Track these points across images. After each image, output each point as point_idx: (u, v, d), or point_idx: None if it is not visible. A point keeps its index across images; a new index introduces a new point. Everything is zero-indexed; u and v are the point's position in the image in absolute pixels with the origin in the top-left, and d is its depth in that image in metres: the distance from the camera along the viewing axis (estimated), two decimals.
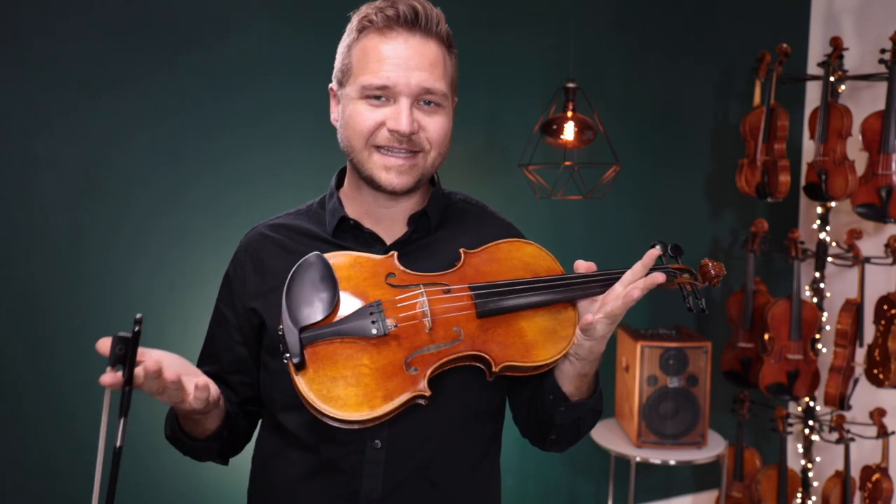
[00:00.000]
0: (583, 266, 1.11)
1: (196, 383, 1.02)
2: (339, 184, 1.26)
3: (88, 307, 2.37)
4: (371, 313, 1.05)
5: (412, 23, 1.09)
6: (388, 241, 1.19)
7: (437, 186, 1.26)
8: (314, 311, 1.04)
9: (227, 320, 1.25)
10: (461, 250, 1.13)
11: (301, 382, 1.02)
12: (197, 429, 1.15)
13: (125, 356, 0.94)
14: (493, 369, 1.06)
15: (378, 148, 1.11)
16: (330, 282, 1.06)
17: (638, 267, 1.08)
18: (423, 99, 1.10)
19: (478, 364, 1.08)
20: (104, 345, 0.92)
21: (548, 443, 1.27)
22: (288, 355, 1.01)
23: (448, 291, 1.09)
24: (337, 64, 1.17)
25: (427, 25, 1.09)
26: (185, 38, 2.41)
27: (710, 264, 1.20)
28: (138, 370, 0.94)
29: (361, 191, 1.19)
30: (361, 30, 1.12)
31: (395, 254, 1.12)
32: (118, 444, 0.92)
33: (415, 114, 1.10)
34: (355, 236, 1.20)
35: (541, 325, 1.10)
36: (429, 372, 1.04)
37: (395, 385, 1.03)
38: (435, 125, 1.12)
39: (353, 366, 1.03)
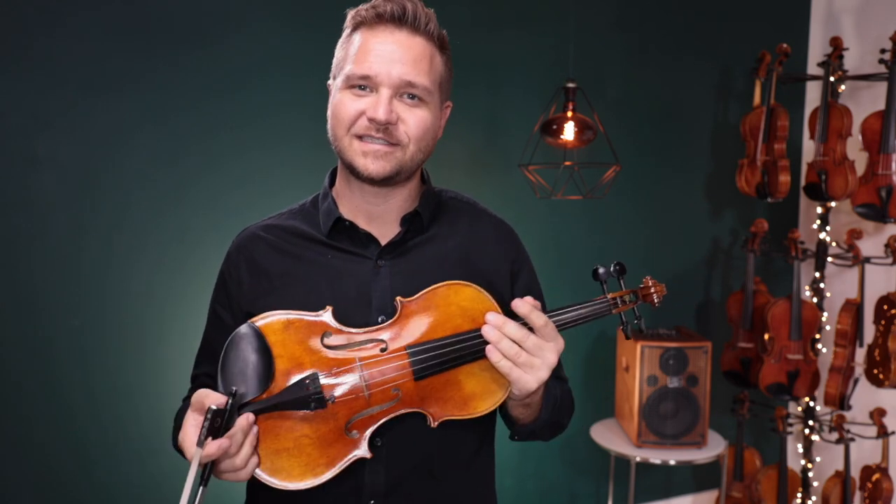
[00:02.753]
0: (520, 307, 1.07)
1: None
2: (333, 183, 1.26)
3: (88, 307, 2.37)
4: (308, 387, 1.06)
5: (399, 19, 1.12)
6: (383, 242, 1.20)
7: (427, 185, 1.26)
8: (250, 388, 1.05)
9: (223, 321, 1.25)
10: (398, 299, 1.11)
11: None
12: None
13: (220, 428, 1.00)
14: (432, 425, 1.10)
15: (358, 137, 1.13)
16: (264, 353, 1.07)
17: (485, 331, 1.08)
18: (405, 92, 1.12)
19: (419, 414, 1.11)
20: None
21: (512, 440, 1.30)
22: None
23: (385, 349, 1.09)
24: (333, 61, 1.19)
25: (415, 23, 1.12)
26: (185, 38, 2.41)
27: (653, 287, 1.18)
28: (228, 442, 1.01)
29: (351, 186, 1.20)
30: (354, 27, 1.15)
31: (331, 309, 1.11)
32: None
33: (396, 106, 1.12)
34: (350, 237, 1.20)
35: (478, 376, 1.11)
36: (368, 433, 1.09)
37: (336, 451, 1.08)
38: (415, 119, 1.13)
39: (294, 437, 1.07)
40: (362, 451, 1.08)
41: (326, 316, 1.10)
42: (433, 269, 1.19)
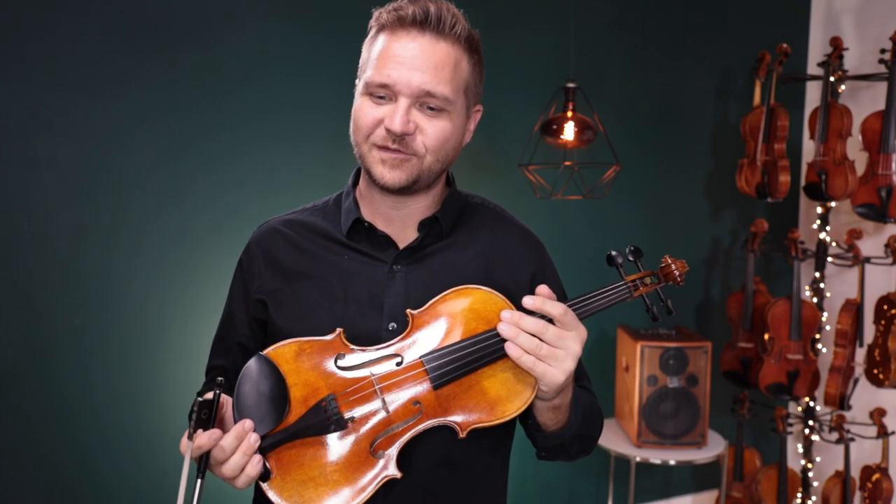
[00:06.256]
0: (530, 302, 1.04)
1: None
2: (356, 183, 1.25)
3: (88, 307, 2.37)
4: (325, 410, 1.04)
5: (422, 23, 1.08)
6: (401, 246, 1.18)
7: (452, 188, 1.24)
8: (267, 420, 1.02)
9: (234, 316, 1.25)
10: (408, 311, 1.09)
11: (271, 492, 1.03)
12: None
13: (209, 419, 0.98)
14: (461, 435, 1.06)
15: (376, 146, 1.11)
16: (278, 383, 1.04)
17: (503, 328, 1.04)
18: (424, 102, 1.09)
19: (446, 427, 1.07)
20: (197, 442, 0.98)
21: (539, 457, 1.26)
22: None
23: (400, 363, 1.06)
24: (360, 59, 1.17)
25: (439, 27, 1.09)
26: (185, 38, 2.41)
27: (673, 264, 1.16)
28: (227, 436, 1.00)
29: (371, 189, 1.18)
30: (378, 29, 1.12)
31: (341, 331, 1.08)
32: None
33: (414, 115, 1.09)
34: (369, 238, 1.19)
35: (501, 378, 1.07)
36: (395, 452, 1.05)
37: (364, 474, 1.04)
38: (434, 129, 1.10)
39: (318, 465, 1.04)
40: (391, 470, 1.04)
41: (337, 338, 1.08)
42: (449, 276, 1.16)
